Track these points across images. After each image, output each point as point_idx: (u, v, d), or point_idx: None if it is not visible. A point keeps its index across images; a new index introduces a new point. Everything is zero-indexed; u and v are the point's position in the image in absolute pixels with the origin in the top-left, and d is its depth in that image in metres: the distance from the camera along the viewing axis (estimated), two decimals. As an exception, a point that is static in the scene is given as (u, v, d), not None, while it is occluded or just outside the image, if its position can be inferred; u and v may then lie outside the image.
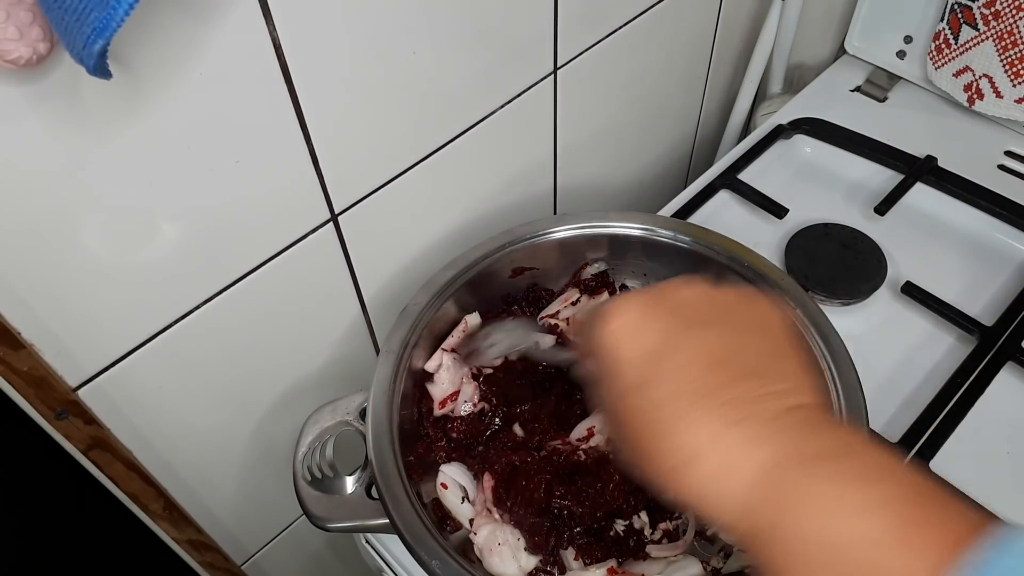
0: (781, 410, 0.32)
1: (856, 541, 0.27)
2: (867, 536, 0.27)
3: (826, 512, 0.28)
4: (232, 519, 0.68)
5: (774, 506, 0.29)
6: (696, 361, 0.33)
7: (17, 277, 0.41)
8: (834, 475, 0.29)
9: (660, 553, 0.52)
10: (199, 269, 0.50)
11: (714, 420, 0.31)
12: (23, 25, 0.32)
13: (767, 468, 0.30)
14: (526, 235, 0.61)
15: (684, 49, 0.82)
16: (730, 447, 0.30)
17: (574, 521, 0.52)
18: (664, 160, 0.93)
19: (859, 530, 0.27)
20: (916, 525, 0.27)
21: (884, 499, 0.28)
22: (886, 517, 0.27)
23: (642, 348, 0.34)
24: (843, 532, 0.27)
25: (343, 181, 0.54)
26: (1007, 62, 0.71)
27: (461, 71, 0.57)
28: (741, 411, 0.31)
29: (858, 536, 0.27)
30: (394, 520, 0.47)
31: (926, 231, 0.72)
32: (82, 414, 0.49)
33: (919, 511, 0.27)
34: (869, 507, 0.27)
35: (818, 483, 0.29)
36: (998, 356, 0.61)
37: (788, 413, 0.32)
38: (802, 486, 0.29)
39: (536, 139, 0.70)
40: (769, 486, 0.29)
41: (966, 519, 0.27)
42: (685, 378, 0.32)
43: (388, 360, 0.54)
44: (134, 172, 0.43)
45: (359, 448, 0.52)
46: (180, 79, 0.41)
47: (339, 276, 0.60)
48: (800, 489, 0.29)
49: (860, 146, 0.77)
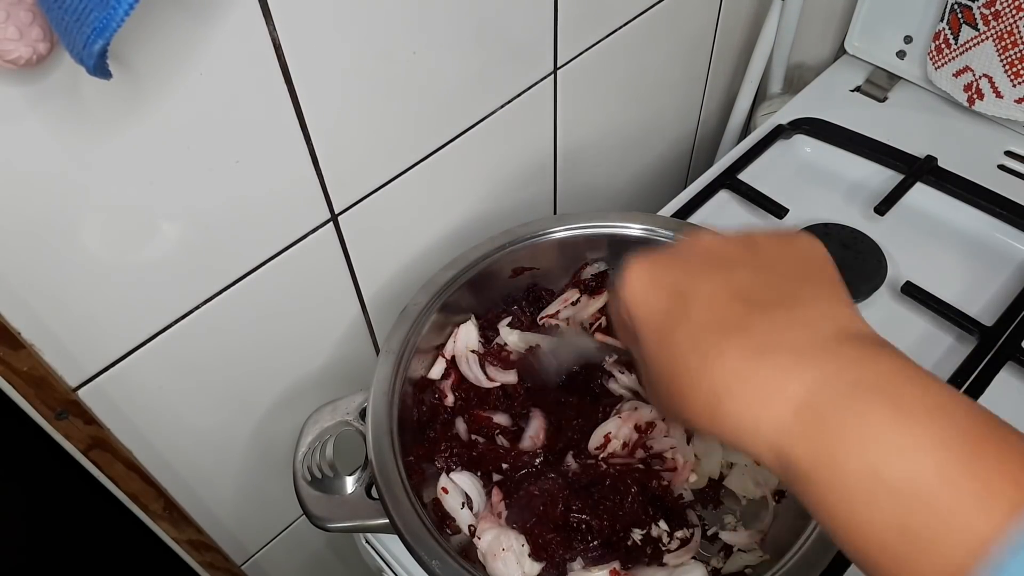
0: (819, 337, 0.29)
1: (918, 478, 0.25)
2: (918, 475, 0.25)
3: (872, 446, 0.26)
4: (232, 519, 0.68)
5: (814, 438, 0.27)
6: (717, 297, 0.31)
7: (17, 277, 0.41)
8: (881, 406, 0.27)
9: (676, 560, 0.52)
10: (199, 269, 0.50)
11: (744, 352, 0.29)
12: (23, 25, 0.32)
13: (805, 398, 0.28)
14: (526, 235, 0.61)
15: (684, 49, 0.82)
16: (763, 378, 0.29)
17: (591, 535, 0.52)
18: (664, 160, 0.93)
19: (910, 468, 0.25)
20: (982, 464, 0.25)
21: (938, 438, 0.25)
22: (939, 457, 0.25)
23: (659, 302, 0.33)
24: (891, 469, 0.25)
25: (343, 181, 0.54)
26: (1007, 62, 0.71)
27: (461, 71, 0.57)
28: (773, 340, 0.29)
29: (921, 472, 0.25)
30: (394, 520, 0.47)
31: (926, 231, 0.72)
32: (82, 414, 0.49)
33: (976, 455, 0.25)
34: (921, 445, 0.25)
35: (863, 415, 0.26)
36: (998, 356, 0.61)
37: (827, 340, 0.29)
38: (845, 417, 0.27)
39: (536, 139, 0.70)
40: (808, 417, 0.27)
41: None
42: (708, 315, 0.31)
43: (388, 360, 0.54)
44: (134, 172, 0.43)
45: (359, 448, 0.52)
46: (180, 79, 0.41)
47: (339, 276, 0.60)
48: (843, 420, 0.27)
49: (860, 146, 0.77)
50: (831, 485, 0.27)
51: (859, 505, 0.26)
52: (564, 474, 0.55)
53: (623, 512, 0.52)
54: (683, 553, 0.52)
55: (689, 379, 0.30)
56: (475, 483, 0.55)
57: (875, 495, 0.26)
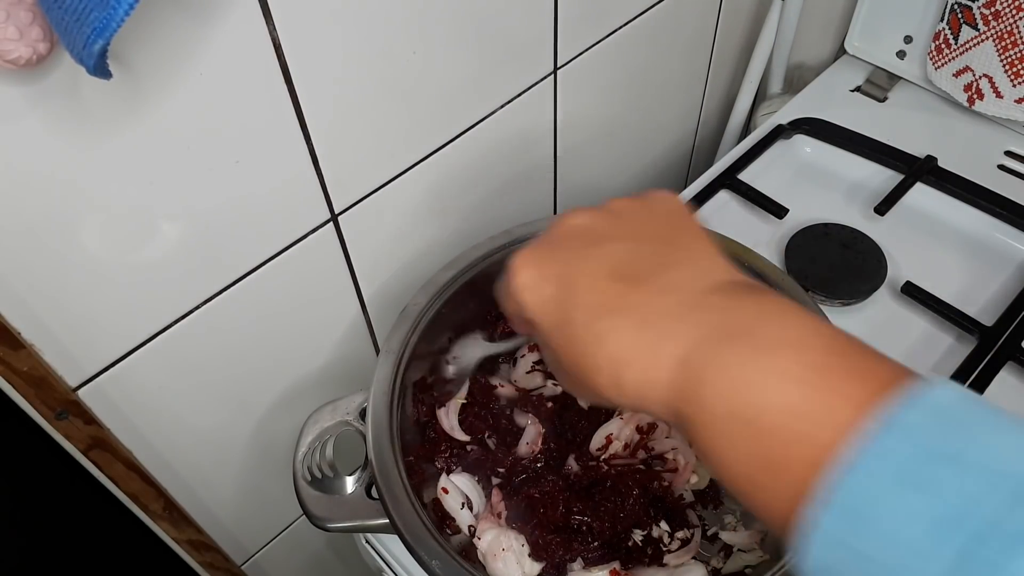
0: (691, 295, 0.32)
1: (769, 409, 0.27)
2: (780, 402, 0.27)
3: (730, 388, 0.28)
4: (232, 519, 0.68)
5: (694, 388, 0.29)
6: (598, 280, 0.34)
7: (17, 277, 0.41)
8: (746, 347, 0.28)
9: (676, 560, 0.52)
10: (199, 269, 0.50)
11: (629, 325, 0.32)
12: (23, 25, 0.32)
13: (682, 355, 0.30)
14: (526, 235, 0.61)
15: (684, 49, 0.82)
16: (649, 345, 0.31)
17: (592, 536, 0.52)
18: (664, 160, 0.93)
19: (772, 397, 0.27)
20: (827, 386, 0.26)
21: (795, 363, 0.27)
22: (796, 381, 0.27)
23: (548, 292, 0.35)
24: (756, 401, 0.27)
25: (343, 181, 0.54)
26: (1007, 62, 0.71)
27: (461, 71, 0.57)
28: (652, 310, 0.32)
29: (771, 403, 0.27)
30: (394, 520, 0.47)
31: (926, 231, 0.72)
32: (82, 414, 0.49)
33: (830, 370, 0.27)
34: (779, 373, 0.27)
35: (731, 357, 0.28)
36: (998, 356, 0.61)
37: (698, 296, 0.32)
38: (716, 363, 0.29)
39: (536, 139, 0.70)
40: (686, 372, 0.30)
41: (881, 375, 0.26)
42: (592, 297, 0.33)
43: (388, 360, 0.54)
44: (134, 172, 0.43)
45: (359, 448, 0.52)
46: (180, 79, 0.41)
47: (339, 276, 0.60)
48: (715, 366, 0.29)
49: (860, 146, 0.77)
50: (705, 429, 0.29)
51: (725, 443, 0.28)
52: (565, 476, 0.55)
53: (624, 513, 0.52)
54: (683, 553, 0.52)
55: (590, 360, 0.33)
56: (475, 484, 0.55)
57: (736, 433, 0.28)
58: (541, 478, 0.55)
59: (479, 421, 0.58)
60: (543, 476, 0.55)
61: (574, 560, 0.52)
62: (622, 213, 0.37)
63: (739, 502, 0.30)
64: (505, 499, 0.54)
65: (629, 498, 0.53)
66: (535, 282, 0.35)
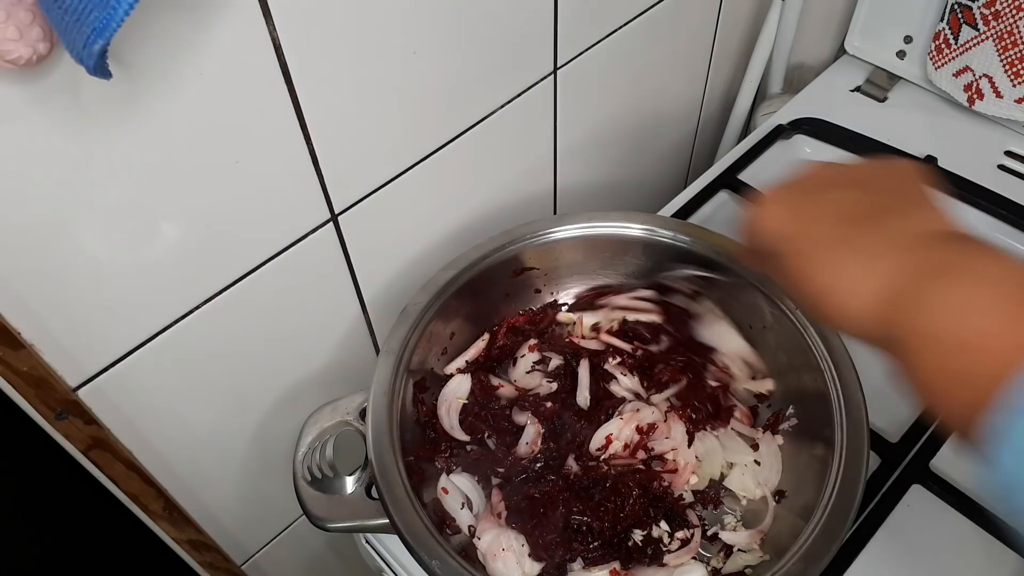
0: (909, 238, 0.38)
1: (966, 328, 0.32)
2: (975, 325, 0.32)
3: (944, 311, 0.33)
4: (232, 519, 0.68)
5: (906, 316, 0.35)
6: (827, 220, 0.41)
7: (17, 277, 0.41)
8: (952, 282, 0.34)
9: (676, 560, 0.52)
10: (199, 269, 0.50)
11: (842, 258, 0.39)
12: (23, 25, 0.32)
13: (901, 286, 0.35)
14: (526, 235, 0.61)
15: (684, 49, 0.82)
16: (855, 273, 0.38)
17: (592, 536, 0.52)
18: (664, 160, 0.93)
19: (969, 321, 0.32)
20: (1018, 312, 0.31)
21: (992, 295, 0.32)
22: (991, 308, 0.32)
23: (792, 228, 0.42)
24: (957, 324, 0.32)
25: (343, 181, 0.54)
26: (1007, 62, 0.71)
27: (461, 71, 0.57)
28: (867, 245, 0.38)
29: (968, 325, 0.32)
30: (394, 520, 0.47)
31: (926, 231, 0.71)
32: (82, 414, 0.49)
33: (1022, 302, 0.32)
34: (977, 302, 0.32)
35: (938, 290, 0.34)
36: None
37: (916, 239, 0.38)
38: (925, 293, 0.34)
39: (536, 139, 0.70)
40: (901, 299, 0.35)
41: None
42: (827, 236, 0.40)
43: (388, 360, 0.54)
44: (134, 172, 0.43)
45: (359, 448, 0.52)
46: (180, 79, 0.41)
47: (339, 276, 0.60)
48: (923, 295, 0.34)
49: (860, 146, 0.77)
50: (912, 353, 0.34)
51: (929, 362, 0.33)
52: (565, 476, 0.55)
53: (624, 513, 0.52)
54: (683, 553, 0.52)
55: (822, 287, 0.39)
56: (475, 484, 0.55)
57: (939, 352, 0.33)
58: (541, 478, 0.55)
59: (479, 421, 0.58)
60: (543, 476, 0.55)
61: (574, 560, 0.52)
62: (858, 170, 0.45)
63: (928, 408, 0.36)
64: (505, 499, 0.54)
65: (629, 498, 0.53)
66: (787, 220, 0.42)
